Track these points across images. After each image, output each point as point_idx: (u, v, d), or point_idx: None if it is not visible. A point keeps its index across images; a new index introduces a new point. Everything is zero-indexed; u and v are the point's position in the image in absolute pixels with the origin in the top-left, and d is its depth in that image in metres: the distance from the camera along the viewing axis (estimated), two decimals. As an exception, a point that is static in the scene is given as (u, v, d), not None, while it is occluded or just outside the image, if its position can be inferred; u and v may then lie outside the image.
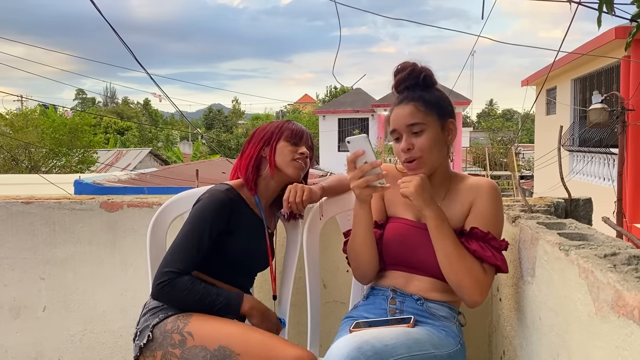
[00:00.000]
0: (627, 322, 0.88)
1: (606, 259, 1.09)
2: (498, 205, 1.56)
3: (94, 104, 55.83)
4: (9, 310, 2.25)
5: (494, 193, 1.55)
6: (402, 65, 1.60)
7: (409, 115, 1.52)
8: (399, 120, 1.54)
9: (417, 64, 1.58)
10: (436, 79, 1.60)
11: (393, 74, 1.61)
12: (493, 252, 1.49)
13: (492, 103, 56.94)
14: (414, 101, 1.54)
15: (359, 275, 1.67)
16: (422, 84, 1.57)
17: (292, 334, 1.99)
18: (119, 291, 2.20)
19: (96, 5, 3.43)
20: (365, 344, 1.28)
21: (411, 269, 1.57)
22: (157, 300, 1.59)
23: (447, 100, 1.60)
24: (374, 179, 1.47)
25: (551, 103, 13.48)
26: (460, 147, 21.93)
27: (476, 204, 1.55)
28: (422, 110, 1.53)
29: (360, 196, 1.52)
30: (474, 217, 1.54)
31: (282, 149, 1.72)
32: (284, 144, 1.72)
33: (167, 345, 1.50)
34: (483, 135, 30.60)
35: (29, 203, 2.22)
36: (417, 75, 1.57)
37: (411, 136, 1.53)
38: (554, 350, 1.27)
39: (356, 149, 1.48)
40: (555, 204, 1.98)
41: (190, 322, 1.51)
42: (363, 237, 1.58)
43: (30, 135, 17.92)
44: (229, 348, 1.45)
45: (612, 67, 9.66)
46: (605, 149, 9.21)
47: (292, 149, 1.72)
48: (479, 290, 1.47)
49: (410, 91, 1.56)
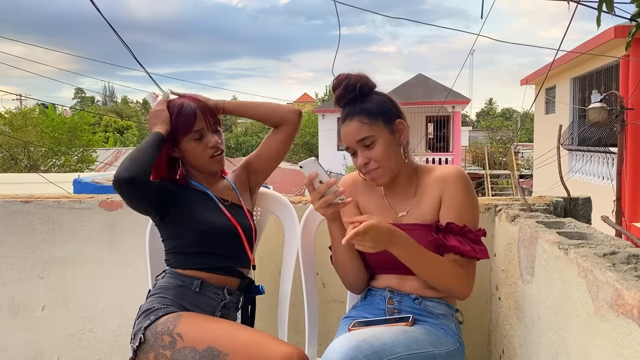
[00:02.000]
0: (627, 321, 0.88)
1: (605, 257, 1.09)
2: (469, 192, 1.54)
3: (93, 102, 55.84)
4: (8, 310, 2.25)
5: (462, 180, 1.54)
6: (337, 80, 1.58)
7: (356, 131, 1.52)
8: (348, 138, 1.54)
9: (350, 75, 1.56)
10: (374, 82, 1.58)
11: (332, 90, 1.60)
12: (471, 245, 1.50)
13: (491, 102, 57.04)
14: (356, 116, 1.53)
15: (350, 286, 1.68)
16: (360, 94, 1.55)
17: (291, 333, 1.99)
18: (118, 290, 2.20)
19: (95, 4, 3.43)
20: (363, 343, 1.28)
21: (401, 271, 1.57)
22: (120, 185, 1.54)
23: (390, 102, 1.58)
24: (333, 197, 1.48)
25: (550, 102, 13.48)
26: (460, 146, 21.96)
27: (446, 194, 1.53)
28: (367, 122, 1.52)
29: (326, 215, 1.52)
30: (447, 209, 1.53)
31: (192, 150, 1.69)
32: (189, 143, 1.68)
33: (158, 347, 1.50)
34: (482, 135, 30.63)
35: (28, 202, 2.22)
36: (352, 87, 1.55)
37: (365, 150, 1.53)
38: (553, 349, 1.27)
39: (309, 172, 1.48)
40: (555, 203, 1.98)
41: (180, 324, 1.51)
42: (343, 252, 1.59)
43: (29, 134, 17.92)
44: (217, 348, 1.45)
45: (611, 66, 9.66)
46: (604, 148, 9.21)
47: (202, 146, 1.68)
48: (465, 285, 1.52)
49: (351, 106, 1.55)
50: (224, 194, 1.77)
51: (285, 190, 11.87)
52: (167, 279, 1.69)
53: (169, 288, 1.65)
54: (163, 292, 1.65)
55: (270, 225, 2.04)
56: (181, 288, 1.65)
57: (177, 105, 1.69)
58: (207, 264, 1.68)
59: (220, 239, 1.69)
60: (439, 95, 19.07)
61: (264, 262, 2.11)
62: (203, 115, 1.68)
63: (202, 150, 1.68)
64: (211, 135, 1.69)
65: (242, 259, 1.75)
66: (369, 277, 1.66)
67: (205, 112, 1.69)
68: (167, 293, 1.64)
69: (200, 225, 1.66)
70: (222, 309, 1.67)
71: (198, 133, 1.67)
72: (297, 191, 13.74)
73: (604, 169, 9.45)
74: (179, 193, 1.70)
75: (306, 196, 2.43)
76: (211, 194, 1.73)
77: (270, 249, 2.10)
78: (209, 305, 1.65)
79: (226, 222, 1.70)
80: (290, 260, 1.93)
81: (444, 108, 19.63)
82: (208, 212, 1.69)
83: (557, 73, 11.95)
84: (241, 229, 1.71)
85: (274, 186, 10.65)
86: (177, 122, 1.66)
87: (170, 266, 1.72)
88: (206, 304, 1.65)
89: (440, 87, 20.84)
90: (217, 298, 1.67)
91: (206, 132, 1.68)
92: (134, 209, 1.64)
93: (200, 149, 1.68)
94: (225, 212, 1.71)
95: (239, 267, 1.74)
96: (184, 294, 1.64)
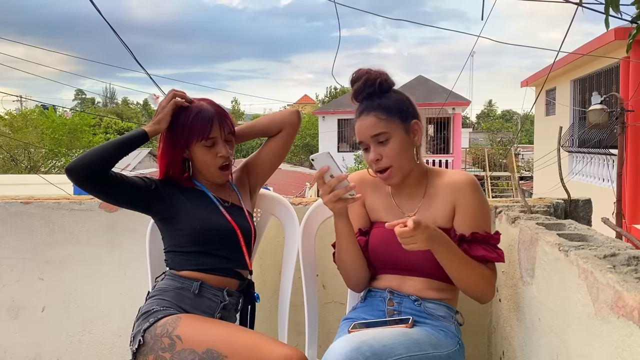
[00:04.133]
0: (627, 323, 0.88)
1: (606, 259, 1.09)
2: (482, 200, 1.55)
3: (93, 104, 55.85)
4: (7, 311, 2.25)
5: (476, 188, 1.55)
6: (357, 73, 1.57)
7: (372, 126, 1.52)
8: (363, 132, 1.54)
9: (371, 70, 1.56)
10: (393, 81, 1.58)
11: (350, 83, 1.59)
12: (497, 251, 1.52)
13: (491, 104, 56.99)
14: (374, 111, 1.53)
15: (352, 285, 1.68)
16: (379, 90, 1.55)
17: (292, 335, 1.99)
18: (118, 291, 2.20)
19: (96, 6, 3.43)
20: (363, 345, 1.28)
21: (403, 271, 1.57)
22: (73, 174, 1.55)
23: (407, 102, 1.58)
24: (343, 191, 1.48)
25: (551, 104, 13.48)
26: (460, 147, 21.95)
27: (461, 203, 1.53)
28: (384, 118, 1.52)
29: (334, 210, 1.52)
30: (463, 218, 1.53)
31: (201, 156, 1.68)
32: (200, 149, 1.67)
33: (157, 349, 1.50)
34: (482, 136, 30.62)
35: (28, 203, 2.22)
36: (372, 82, 1.55)
37: (378, 146, 1.53)
38: (553, 351, 1.27)
39: (321, 166, 1.48)
40: (555, 205, 1.98)
41: (179, 326, 1.51)
42: (347, 249, 1.59)
43: (29, 136, 17.95)
44: (217, 350, 1.45)
45: (612, 68, 9.66)
46: (604, 149, 9.21)
47: (212, 154, 1.67)
48: (492, 288, 1.54)
49: (369, 100, 1.55)
50: (224, 194, 1.77)
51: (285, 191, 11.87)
52: (166, 280, 1.68)
53: (168, 290, 1.65)
54: (162, 294, 1.64)
55: (270, 227, 2.04)
56: (180, 290, 1.64)
57: (196, 108, 1.68)
58: (205, 265, 1.67)
59: (217, 240, 1.68)
60: (439, 97, 19.06)
61: (264, 264, 2.11)
62: (219, 123, 1.68)
63: (212, 159, 1.68)
64: (223, 145, 1.69)
65: (240, 260, 1.74)
66: (370, 276, 1.65)
67: (222, 120, 1.69)
68: (166, 295, 1.64)
69: (198, 224, 1.66)
70: (222, 310, 1.67)
71: (211, 141, 1.67)
72: (297, 192, 13.74)
73: (604, 170, 9.45)
74: (178, 191, 1.70)
75: (306, 198, 2.43)
76: (211, 195, 1.73)
77: (271, 250, 2.10)
78: (208, 307, 1.65)
79: (225, 223, 1.69)
80: (290, 261, 1.93)
81: (444, 110, 19.61)
82: (207, 212, 1.69)
83: (557, 75, 11.96)
84: (240, 231, 1.71)
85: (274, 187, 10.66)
86: (192, 125, 1.66)
87: (168, 267, 1.72)
88: (206, 306, 1.65)
89: (440, 89, 20.84)
90: (216, 299, 1.67)
91: (219, 141, 1.68)
92: (103, 200, 1.71)
93: (209, 157, 1.68)
94: (224, 213, 1.71)
95: (237, 269, 1.74)
96: (183, 296, 1.64)
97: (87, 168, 1.55)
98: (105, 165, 1.56)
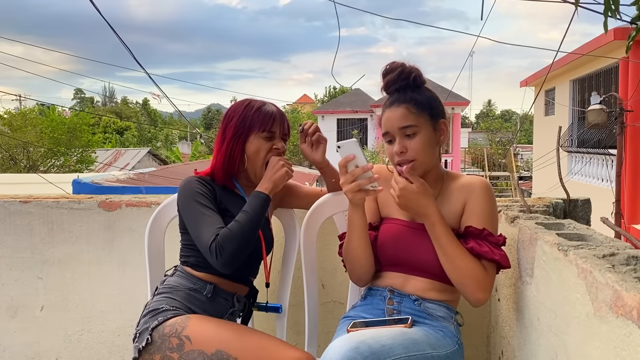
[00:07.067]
0: (626, 322, 0.88)
1: (605, 259, 1.09)
2: (492, 203, 1.55)
3: (92, 103, 55.78)
4: (6, 310, 2.25)
5: (487, 191, 1.55)
6: (391, 65, 1.58)
7: (401, 117, 1.52)
8: (391, 123, 1.53)
9: (405, 64, 1.57)
10: (425, 78, 1.59)
11: (382, 74, 1.59)
12: (490, 247, 1.49)
13: (490, 104, 57.02)
14: (405, 103, 1.53)
15: (355, 278, 1.67)
16: (413, 84, 1.56)
17: (291, 334, 1.99)
18: (117, 291, 2.19)
19: (95, 5, 3.43)
20: (362, 344, 1.28)
21: (408, 270, 1.57)
22: (227, 266, 1.55)
23: (437, 100, 1.59)
24: (366, 182, 1.47)
25: (550, 104, 13.49)
26: (459, 147, 21.96)
27: (469, 202, 1.54)
28: (414, 112, 1.52)
29: (353, 200, 1.52)
30: (468, 216, 1.54)
31: (257, 147, 1.69)
32: (259, 140, 1.69)
33: (165, 349, 1.49)
34: (482, 136, 30.65)
35: (27, 202, 2.22)
36: (407, 75, 1.55)
37: (404, 139, 1.52)
38: (552, 351, 1.27)
39: (347, 154, 1.48)
40: (554, 205, 1.98)
41: (188, 326, 1.50)
42: (358, 241, 1.58)
43: (28, 135, 17.91)
44: (226, 352, 1.44)
45: (611, 68, 9.67)
46: (603, 149, 9.22)
47: (269, 146, 1.69)
48: (481, 288, 1.47)
49: (400, 93, 1.55)
50: None
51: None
52: (177, 278, 1.67)
53: (179, 289, 1.63)
54: (172, 292, 1.63)
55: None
56: (192, 291, 1.63)
57: (259, 102, 1.73)
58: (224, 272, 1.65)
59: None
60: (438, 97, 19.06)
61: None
62: (280, 120, 1.71)
63: (266, 151, 1.69)
64: (279, 140, 1.72)
65: (256, 268, 1.76)
66: (375, 270, 1.64)
67: (282, 119, 1.73)
68: (177, 295, 1.62)
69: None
70: (229, 315, 1.67)
71: (270, 133, 1.69)
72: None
73: (604, 170, 9.46)
74: (219, 193, 1.69)
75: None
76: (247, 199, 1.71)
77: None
78: (217, 311, 1.65)
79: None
80: (290, 261, 1.93)
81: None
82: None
83: (556, 75, 11.97)
84: (264, 241, 1.71)
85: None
86: (254, 117, 1.69)
87: (184, 262, 1.70)
88: (215, 310, 1.64)
89: (439, 89, 20.78)
90: (226, 304, 1.67)
91: (277, 137, 1.72)
92: None
93: (265, 149, 1.69)
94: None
95: (251, 276, 1.76)
96: (194, 298, 1.63)
97: (242, 256, 1.57)
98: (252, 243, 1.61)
